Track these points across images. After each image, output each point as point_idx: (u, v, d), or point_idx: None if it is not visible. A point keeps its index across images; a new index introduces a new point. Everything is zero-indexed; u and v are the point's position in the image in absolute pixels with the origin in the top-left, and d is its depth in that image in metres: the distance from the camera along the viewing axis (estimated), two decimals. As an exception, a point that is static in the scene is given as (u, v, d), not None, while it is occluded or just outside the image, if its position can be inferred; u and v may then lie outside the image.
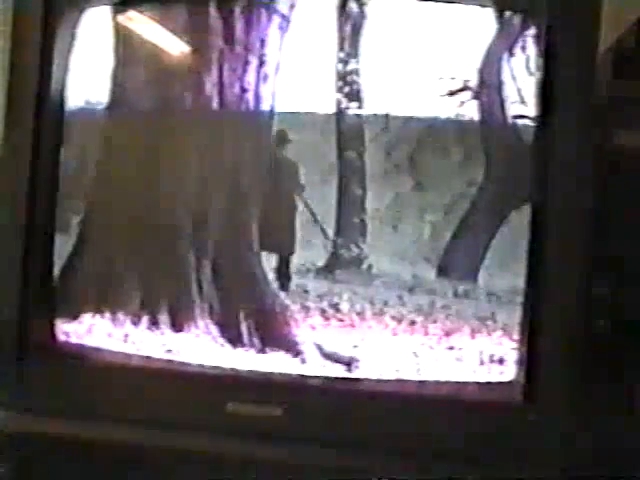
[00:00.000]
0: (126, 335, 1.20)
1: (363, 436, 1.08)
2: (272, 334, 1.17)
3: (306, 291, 1.17)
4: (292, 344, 1.16)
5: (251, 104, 1.19)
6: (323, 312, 1.16)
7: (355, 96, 1.16)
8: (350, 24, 1.15)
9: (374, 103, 1.15)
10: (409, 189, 1.14)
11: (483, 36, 1.11)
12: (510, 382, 1.08)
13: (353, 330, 1.15)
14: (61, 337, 1.22)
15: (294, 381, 1.15)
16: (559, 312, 1.03)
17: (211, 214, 1.20)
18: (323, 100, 1.16)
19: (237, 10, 1.18)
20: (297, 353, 1.16)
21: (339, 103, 1.16)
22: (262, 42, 1.18)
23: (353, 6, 1.15)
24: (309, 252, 1.18)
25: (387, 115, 1.14)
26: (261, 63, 1.18)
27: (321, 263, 1.17)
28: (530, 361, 1.05)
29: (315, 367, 1.15)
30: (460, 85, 1.12)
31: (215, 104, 1.19)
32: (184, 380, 1.16)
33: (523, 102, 1.10)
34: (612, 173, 1.06)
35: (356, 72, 1.16)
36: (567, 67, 1.04)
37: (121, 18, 1.24)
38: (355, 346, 1.15)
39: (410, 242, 1.14)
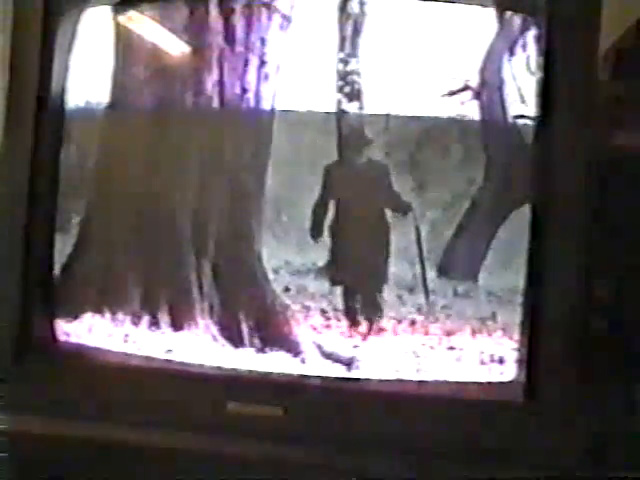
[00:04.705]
0: (126, 335, 1.20)
1: (363, 436, 1.08)
2: (272, 334, 1.17)
3: (306, 291, 1.17)
4: (292, 344, 1.16)
5: (252, 104, 1.19)
6: (323, 312, 1.16)
7: (355, 96, 1.16)
8: (351, 24, 1.15)
9: (374, 103, 1.15)
10: (409, 189, 1.14)
11: (484, 36, 1.12)
12: (510, 382, 1.08)
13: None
14: (61, 337, 1.22)
15: (294, 381, 1.15)
16: (559, 312, 1.03)
17: (211, 214, 1.20)
18: (323, 100, 1.16)
19: (238, 9, 1.18)
20: (297, 353, 1.16)
21: (339, 103, 1.16)
22: (263, 42, 1.18)
23: (354, 6, 1.15)
24: (309, 252, 1.18)
25: (387, 115, 1.14)
26: (262, 63, 1.18)
27: (321, 263, 1.17)
28: (530, 361, 1.05)
29: (315, 367, 1.15)
30: (461, 85, 1.13)
31: (216, 104, 1.19)
32: (184, 380, 1.16)
33: (523, 102, 1.11)
34: (612, 173, 1.06)
35: (356, 72, 1.16)
36: (567, 67, 1.04)
37: (121, 18, 1.24)
38: (355, 346, 1.15)
39: (410, 242, 1.14)
